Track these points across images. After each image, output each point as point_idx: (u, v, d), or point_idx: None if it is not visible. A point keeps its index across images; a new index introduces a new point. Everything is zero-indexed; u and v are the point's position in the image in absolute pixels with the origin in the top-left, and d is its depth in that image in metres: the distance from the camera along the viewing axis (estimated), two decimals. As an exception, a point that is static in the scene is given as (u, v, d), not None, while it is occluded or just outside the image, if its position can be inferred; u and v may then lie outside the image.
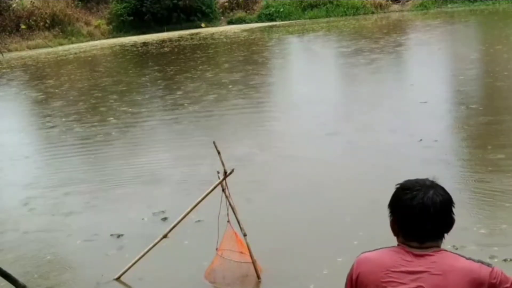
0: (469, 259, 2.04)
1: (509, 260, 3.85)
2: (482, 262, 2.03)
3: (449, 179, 5.36)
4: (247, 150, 7.23)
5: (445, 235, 2.07)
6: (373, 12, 31.30)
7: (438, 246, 2.07)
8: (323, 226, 4.65)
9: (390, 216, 2.12)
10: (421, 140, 6.74)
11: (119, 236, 4.96)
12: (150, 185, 6.31)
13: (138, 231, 4.97)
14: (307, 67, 15.13)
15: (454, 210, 2.07)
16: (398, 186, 2.12)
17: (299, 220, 4.88)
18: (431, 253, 2.03)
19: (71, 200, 6.07)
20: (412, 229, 2.06)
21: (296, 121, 8.72)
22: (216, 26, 32.82)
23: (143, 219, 5.27)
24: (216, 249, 3.98)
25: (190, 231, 4.64)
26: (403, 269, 2.01)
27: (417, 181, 2.09)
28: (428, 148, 6.44)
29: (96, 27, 32.74)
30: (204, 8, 32.95)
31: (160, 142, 8.40)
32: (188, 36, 27.92)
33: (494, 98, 9.03)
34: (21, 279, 2.91)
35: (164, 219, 5.07)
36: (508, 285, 2.01)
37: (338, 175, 6.01)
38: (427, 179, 2.09)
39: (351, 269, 2.11)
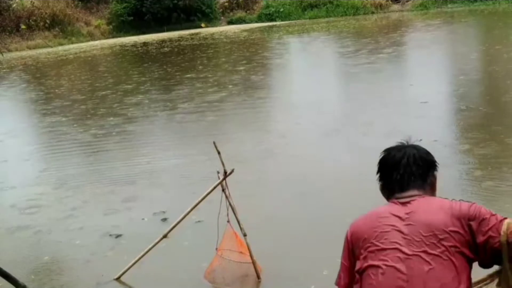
0: (452, 200, 2.20)
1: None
2: (463, 201, 2.19)
3: (448, 179, 5.37)
4: (248, 150, 7.23)
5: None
6: (373, 12, 31.32)
7: (421, 194, 2.24)
8: (323, 226, 4.65)
9: (379, 182, 2.36)
10: (421, 140, 6.73)
11: (117, 236, 4.96)
12: (151, 185, 6.31)
13: (138, 231, 4.97)
14: (307, 67, 15.13)
15: (436, 171, 2.32)
16: (381, 153, 2.38)
17: (299, 220, 4.88)
18: (416, 198, 2.22)
19: (70, 200, 6.07)
20: (390, 179, 2.30)
21: (296, 122, 8.72)
22: (216, 26, 32.84)
23: (143, 219, 5.27)
24: (216, 249, 3.98)
25: (190, 232, 4.64)
26: (393, 214, 2.18)
27: (395, 146, 2.39)
28: (428, 148, 6.42)
29: (96, 27, 32.78)
30: (204, 8, 32.97)
31: (161, 142, 8.40)
32: (188, 36, 27.93)
33: (494, 98, 9.02)
34: (20, 280, 2.90)
35: (164, 219, 5.07)
36: (487, 216, 2.10)
37: (338, 175, 6.01)
38: (403, 144, 2.38)
39: (346, 236, 2.27)
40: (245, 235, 3.91)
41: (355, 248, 2.21)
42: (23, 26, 29.45)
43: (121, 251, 4.63)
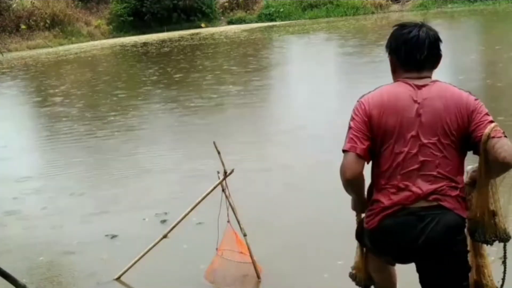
0: (460, 88, 2.47)
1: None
2: (470, 93, 2.46)
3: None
4: (248, 150, 7.23)
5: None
6: (373, 12, 31.32)
7: (431, 77, 2.45)
8: (324, 228, 4.65)
9: (389, 55, 2.51)
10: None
11: (117, 236, 4.95)
12: (152, 185, 6.30)
13: (138, 231, 4.97)
14: (307, 67, 15.12)
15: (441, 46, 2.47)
16: (395, 27, 2.50)
17: (300, 222, 4.87)
18: (429, 83, 2.41)
19: (70, 200, 6.07)
20: (411, 59, 2.41)
21: (296, 122, 8.71)
22: (216, 26, 32.83)
23: (144, 219, 5.26)
24: (216, 249, 3.98)
25: (190, 233, 4.63)
26: (410, 97, 2.37)
27: (411, 21, 2.50)
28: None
29: (96, 27, 32.77)
30: (204, 8, 32.97)
31: (162, 142, 8.40)
32: (189, 36, 27.93)
33: (494, 99, 9.02)
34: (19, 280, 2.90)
35: (164, 221, 5.05)
36: (484, 113, 2.37)
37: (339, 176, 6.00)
38: (420, 23, 2.46)
39: (356, 108, 2.46)
40: (245, 235, 3.91)
41: (376, 127, 2.37)
42: (23, 26, 29.43)
43: (121, 251, 4.63)
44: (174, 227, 4.06)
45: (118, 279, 4.13)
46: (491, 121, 2.35)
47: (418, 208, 2.32)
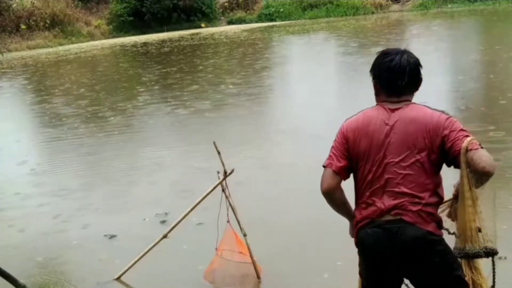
0: (433, 109, 2.60)
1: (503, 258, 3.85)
2: (443, 112, 2.58)
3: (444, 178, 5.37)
4: (248, 150, 7.22)
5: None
6: (373, 12, 31.32)
7: (410, 100, 2.64)
8: (324, 228, 4.64)
9: (373, 80, 2.70)
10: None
11: (116, 236, 4.94)
12: (153, 186, 6.29)
13: (138, 232, 4.97)
14: (307, 67, 15.12)
15: (421, 71, 2.67)
16: (378, 54, 2.70)
17: (300, 222, 4.87)
18: (403, 106, 2.60)
19: (70, 200, 6.07)
20: (393, 85, 2.61)
21: (296, 122, 8.72)
22: (216, 26, 32.84)
23: (144, 219, 5.25)
24: (216, 249, 3.98)
25: (190, 233, 4.63)
26: (382, 120, 2.58)
27: (392, 48, 2.69)
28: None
29: (96, 27, 32.79)
30: (204, 8, 32.98)
31: (163, 142, 8.39)
32: (189, 36, 27.94)
33: (493, 99, 9.02)
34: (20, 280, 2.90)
35: (163, 221, 5.04)
36: (458, 129, 2.51)
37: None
38: (399, 49, 2.66)
39: (341, 131, 2.68)
40: (245, 235, 3.91)
41: (351, 149, 2.62)
42: (23, 26, 29.44)
43: (120, 251, 4.63)
44: (174, 227, 4.06)
45: (118, 279, 4.13)
46: (467, 135, 2.49)
47: (383, 221, 2.53)
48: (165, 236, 4.09)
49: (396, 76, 2.61)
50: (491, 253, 2.57)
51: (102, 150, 8.26)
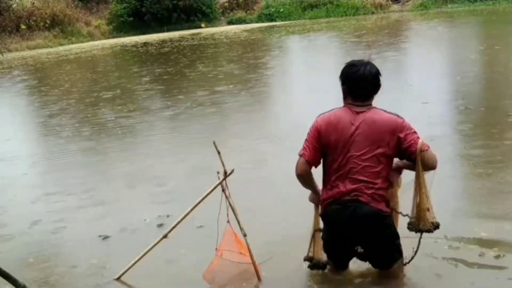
0: (389, 113, 3.35)
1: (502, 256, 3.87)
2: (397, 115, 3.35)
3: (442, 178, 5.39)
4: (248, 150, 7.23)
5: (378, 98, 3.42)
6: (373, 12, 31.33)
7: (371, 103, 3.37)
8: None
9: (342, 85, 3.43)
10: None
11: (112, 236, 4.93)
12: (154, 186, 6.29)
13: (138, 232, 4.97)
14: (307, 67, 15.13)
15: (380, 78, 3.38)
16: (346, 64, 3.45)
17: (301, 221, 4.86)
18: (366, 110, 3.33)
19: (69, 200, 6.07)
20: (358, 92, 3.34)
21: (296, 121, 8.70)
22: (216, 26, 32.85)
23: (145, 220, 5.24)
24: (216, 249, 3.98)
25: (190, 233, 4.63)
26: (349, 121, 3.31)
27: (358, 60, 3.42)
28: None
29: (96, 27, 32.80)
30: (204, 8, 32.99)
31: (161, 142, 8.39)
32: (189, 37, 27.94)
33: (493, 99, 9.03)
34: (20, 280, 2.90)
35: (160, 225, 5.00)
36: (412, 131, 3.27)
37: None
38: (365, 60, 3.40)
39: (315, 126, 3.45)
40: (245, 235, 3.90)
41: (322, 139, 3.37)
42: (23, 26, 29.44)
43: (120, 251, 4.63)
44: (174, 227, 4.06)
45: (118, 279, 4.13)
46: (418, 137, 3.27)
47: (344, 201, 3.31)
48: (165, 236, 4.09)
49: (361, 85, 3.32)
50: (437, 227, 3.38)
51: (101, 151, 8.26)
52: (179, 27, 32.01)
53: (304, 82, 12.67)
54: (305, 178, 3.47)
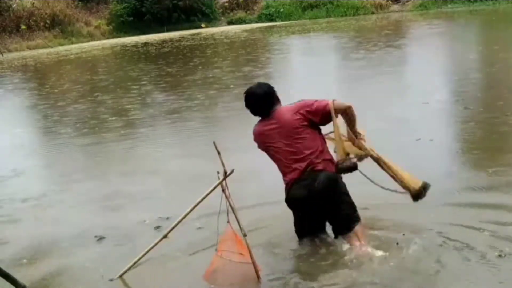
0: (292, 103, 4.12)
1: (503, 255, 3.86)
2: (299, 101, 4.13)
3: (442, 178, 5.39)
4: (248, 150, 7.20)
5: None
6: (373, 13, 31.34)
7: (275, 109, 4.09)
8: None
9: (249, 110, 4.17)
10: (419, 139, 6.77)
11: (112, 236, 4.92)
12: (153, 186, 6.29)
13: (137, 232, 4.97)
14: (307, 67, 15.13)
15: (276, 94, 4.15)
16: (244, 94, 4.15)
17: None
18: (274, 115, 4.07)
19: (70, 199, 6.07)
20: (258, 113, 4.17)
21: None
22: (216, 26, 32.84)
23: (145, 221, 5.22)
24: (216, 249, 3.98)
25: (190, 233, 4.64)
26: (266, 128, 4.10)
27: (251, 89, 4.15)
28: (425, 148, 6.48)
29: (96, 27, 32.82)
30: (204, 8, 32.98)
31: (162, 142, 8.39)
32: (189, 37, 27.95)
33: (492, 99, 9.02)
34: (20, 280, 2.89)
35: (157, 227, 4.98)
36: (313, 102, 4.04)
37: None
38: (259, 83, 4.26)
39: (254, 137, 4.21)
40: (245, 235, 3.90)
41: (265, 150, 4.18)
42: (23, 26, 29.45)
43: (119, 251, 4.63)
44: (174, 227, 4.06)
45: (118, 279, 4.13)
46: (321, 100, 4.00)
47: (304, 177, 3.94)
48: (165, 237, 4.09)
49: (258, 108, 4.12)
50: (355, 167, 4.04)
51: (101, 151, 8.26)
52: (179, 27, 32.00)
53: (304, 82, 12.68)
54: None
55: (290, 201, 4.03)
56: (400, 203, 4.41)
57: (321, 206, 3.95)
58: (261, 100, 4.06)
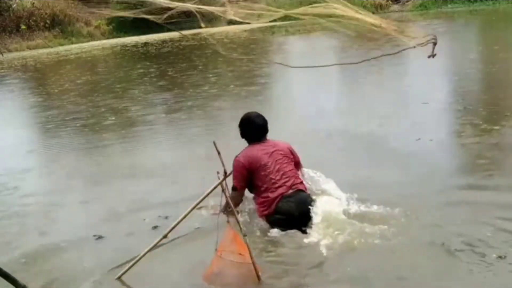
0: (279, 140, 4.95)
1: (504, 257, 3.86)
2: (285, 142, 4.97)
3: (442, 178, 5.39)
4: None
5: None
6: (373, 13, 31.15)
7: (266, 138, 4.86)
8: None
9: (245, 134, 4.92)
10: (419, 139, 6.78)
11: (111, 236, 4.91)
12: (152, 186, 6.28)
13: (137, 232, 4.96)
14: (307, 66, 15.10)
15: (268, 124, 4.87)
16: (245, 118, 4.92)
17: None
18: (265, 141, 4.84)
19: (68, 200, 6.07)
20: (259, 136, 4.84)
21: (296, 122, 8.71)
22: (217, 26, 32.78)
23: (144, 219, 5.22)
24: (216, 250, 3.98)
25: (190, 233, 4.63)
26: (264, 153, 4.74)
27: (252, 115, 4.90)
28: (424, 147, 6.48)
29: (96, 27, 32.80)
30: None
31: (162, 142, 8.39)
32: (190, 37, 27.91)
33: (492, 99, 9.02)
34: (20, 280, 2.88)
35: (155, 227, 4.97)
36: (295, 155, 4.94)
37: (339, 177, 6.00)
38: (256, 113, 4.94)
39: (240, 165, 4.72)
40: (245, 235, 3.90)
41: (252, 170, 4.66)
42: (23, 26, 29.47)
43: (118, 251, 4.62)
44: (174, 227, 4.06)
45: (118, 279, 4.12)
46: (298, 158, 4.97)
47: (290, 194, 4.58)
48: (165, 236, 4.09)
49: (260, 132, 4.85)
50: None
51: (101, 151, 8.25)
52: (179, 27, 31.96)
53: (304, 82, 12.67)
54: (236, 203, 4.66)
55: (280, 212, 4.54)
56: (400, 203, 4.41)
57: (302, 222, 4.48)
58: (264, 128, 4.87)
